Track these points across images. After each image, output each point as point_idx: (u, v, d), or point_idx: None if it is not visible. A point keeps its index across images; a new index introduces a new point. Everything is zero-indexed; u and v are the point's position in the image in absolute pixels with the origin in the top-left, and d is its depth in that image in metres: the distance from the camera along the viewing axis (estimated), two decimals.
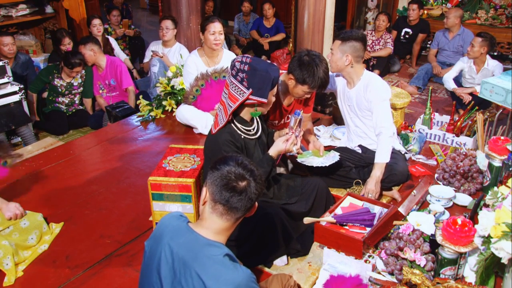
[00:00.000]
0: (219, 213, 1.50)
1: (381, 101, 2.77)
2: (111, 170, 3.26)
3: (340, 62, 2.79)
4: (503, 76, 3.09)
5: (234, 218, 1.51)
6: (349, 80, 2.90)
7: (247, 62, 2.16)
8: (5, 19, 5.34)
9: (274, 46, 6.57)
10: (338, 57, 2.79)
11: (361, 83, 2.85)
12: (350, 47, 2.74)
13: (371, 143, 2.96)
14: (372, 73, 2.90)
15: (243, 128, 2.28)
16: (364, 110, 2.86)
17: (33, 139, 4.21)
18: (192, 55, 3.86)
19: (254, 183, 1.51)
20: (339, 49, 2.77)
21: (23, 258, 2.36)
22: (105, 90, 4.71)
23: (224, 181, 1.48)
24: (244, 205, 1.50)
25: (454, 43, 5.57)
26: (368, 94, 2.78)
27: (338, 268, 2.08)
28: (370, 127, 2.91)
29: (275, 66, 2.24)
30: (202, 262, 1.43)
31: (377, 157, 2.74)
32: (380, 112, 2.77)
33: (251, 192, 1.50)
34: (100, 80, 4.68)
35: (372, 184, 2.71)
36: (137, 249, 2.44)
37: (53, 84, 4.48)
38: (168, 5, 4.98)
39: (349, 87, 2.92)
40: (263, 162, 2.24)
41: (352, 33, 2.77)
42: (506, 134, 3.21)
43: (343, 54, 2.76)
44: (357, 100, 2.87)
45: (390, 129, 2.78)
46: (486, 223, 1.69)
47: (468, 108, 3.53)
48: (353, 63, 2.78)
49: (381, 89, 2.79)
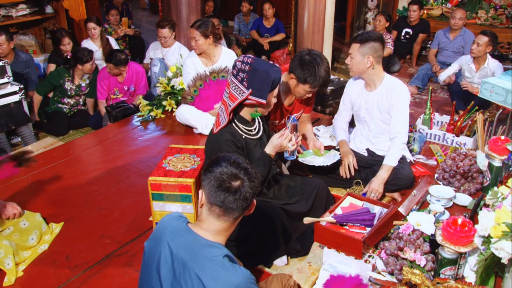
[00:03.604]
0: (216, 214, 1.50)
1: (403, 106, 2.75)
2: (111, 170, 3.26)
3: (361, 65, 2.73)
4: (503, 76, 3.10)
5: (232, 218, 1.51)
6: (369, 83, 2.83)
7: (248, 62, 2.16)
8: (5, 19, 5.34)
9: (274, 46, 6.56)
10: (358, 60, 2.72)
11: (383, 86, 2.79)
12: (370, 48, 2.68)
13: (380, 149, 2.95)
14: (393, 76, 2.87)
15: (244, 128, 2.28)
16: (384, 113, 2.82)
17: (33, 139, 4.20)
18: (190, 55, 3.87)
19: (248, 181, 1.50)
20: (358, 52, 2.71)
21: (23, 258, 2.36)
22: (120, 94, 4.66)
23: (218, 182, 1.48)
24: (240, 205, 1.49)
25: (455, 44, 5.57)
26: (392, 97, 2.75)
27: (338, 268, 2.08)
28: (385, 131, 2.88)
29: (277, 67, 2.22)
30: (201, 263, 1.43)
31: (386, 159, 2.76)
32: (400, 117, 2.76)
33: (245, 191, 1.49)
34: (118, 86, 4.62)
35: (377, 184, 2.72)
36: (137, 249, 2.44)
37: (63, 88, 4.47)
38: (168, 5, 4.99)
39: (368, 90, 2.86)
40: (260, 160, 2.24)
41: (369, 34, 2.72)
42: (506, 134, 3.21)
43: (363, 56, 2.70)
44: (379, 103, 2.81)
45: (405, 136, 2.78)
46: (486, 223, 1.69)
47: (468, 108, 3.53)
48: (374, 64, 2.73)
49: (404, 93, 2.76)
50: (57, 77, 4.44)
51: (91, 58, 4.37)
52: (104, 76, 4.57)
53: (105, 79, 4.57)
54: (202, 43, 3.68)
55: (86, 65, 4.37)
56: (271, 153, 2.25)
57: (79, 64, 4.37)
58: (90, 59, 4.37)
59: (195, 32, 3.65)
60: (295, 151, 2.33)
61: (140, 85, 4.64)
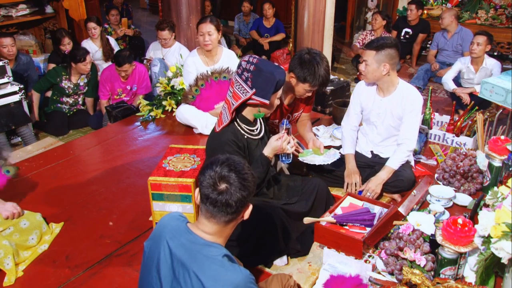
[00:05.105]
0: (205, 217, 1.50)
1: (415, 114, 2.74)
2: (111, 170, 3.26)
3: (377, 72, 2.68)
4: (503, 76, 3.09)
5: (221, 221, 1.49)
6: (383, 89, 2.79)
7: (253, 62, 2.16)
8: (5, 19, 5.34)
9: (274, 46, 6.57)
10: (374, 68, 2.67)
11: (397, 92, 2.77)
12: (386, 55, 2.64)
13: (384, 152, 2.94)
14: (406, 83, 2.84)
15: (246, 128, 2.28)
16: (396, 119, 2.80)
17: (33, 139, 4.21)
18: (191, 54, 3.86)
19: (237, 186, 1.46)
20: (374, 60, 2.65)
21: (23, 258, 2.36)
22: (123, 94, 4.66)
23: (206, 186, 1.48)
24: (223, 210, 1.47)
25: (453, 42, 5.58)
26: (406, 104, 2.72)
27: (338, 268, 2.08)
28: (394, 136, 2.86)
29: (282, 69, 2.22)
30: (200, 263, 1.43)
31: (389, 161, 2.76)
32: (411, 124, 2.74)
33: (230, 196, 1.46)
34: (121, 86, 4.62)
35: (374, 184, 2.71)
36: (137, 249, 2.43)
37: (61, 86, 4.47)
38: (168, 5, 4.99)
39: (381, 95, 2.82)
40: (258, 162, 2.23)
41: (385, 41, 2.67)
42: (506, 134, 3.21)
43: (379, 64, 2.65)
44: (392, 109, 2.78)
45: (413, 144, 2.77)
46: (486, 223, 1.69)
47: (468, 108, 3.53)
48: (390, 71, 2.69)
49: (419, 101, 2.74)
50: (55, 75, 4.44)
51: (85, 59, 4.34)
52: (107, 78, 4.58)
53: (108, 81, 4.58)
54: (216, 38, 3.62)
55: (79, 65, 4.35)
56: (269, 155, 2.24)
57: (73, 62, 4.36)
58: (84, 60, 4.33)
59: (209, 26, 3.55)
60: (291, 154, 2.33)
61: (142, 84, 4.64)
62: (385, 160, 2.82)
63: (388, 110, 2.80)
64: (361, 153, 3.01)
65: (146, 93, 4.66)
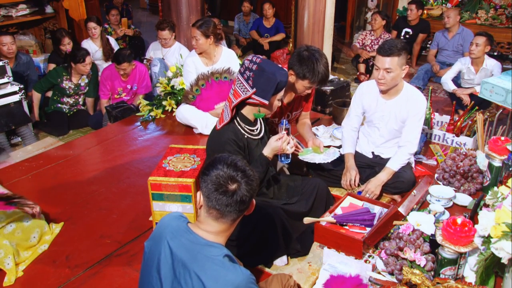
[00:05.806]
0: (214, 217, 1.50)
1: (419, 117, 2.74)
2: (111, 170, 3.26)
3: (399, 77, 2.66)
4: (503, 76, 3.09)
5: (230, 220, 1.51)
6: (388, 91, 2.78)
7: (256, 62, 2.16)
8: (5, 19, 5.34)
9: (274, 46, 6.57)
10: (398, 73, 2.63)
11: (403, 94, 2.76)
12: (405, 57, 2.63)
13: (385, 152, 2.93)
14: (410, 85, 2.83)
15: (246, 128, 2.28)
16: (400, 121, 2.79)
17: (33, 139, 4.21)
18: (190, 54, 3.87)
19: (245, 184, 1.49)
20: (398, 65, 2.61)
21: (23, 258, 2.37)
22: (124, 94, 4.66)
23: (214, 186, 1.48)
24: (237, 208, 1.49)
25: (454, 42, 5.58)
26: (411, 107, 2.72)
27: (338, 268, 2.08)
28: (396, 138, 2.86)
29: (284, 71, 2.21)
30: (201, 263, 1.43)
31: (389, 163, 2.76)
32: (413, 127, 2.74)
33: (242, 194, 1.49)
34: (121, 85, 4.61)
35: (374, 186, 2.72)
36: (137, 249, 2.44)
37: (61, 86, 4.47)
38: (168, 5, 4.99)
39: (386, 98, 2.80)
40: (257, 162, 2.23)
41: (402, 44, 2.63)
42: (506, 134, 3.21)
43: (401, 67, 2.64)
44: (396, 112, 2.77)
45: (415, 147, 2.77)
46: (486, 223, 1.69)
47: (468, 108, 3.53)
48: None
49: (424, 105, 2.75)
50: (55, 75, 4.44)
51: (84, 60, 4.33)
52: (108, 77, 4.57)
53: (109, 80, 4.57)
54: (203, 43, 3.68)
55: (78, 65, 4.34)
56: (268, 155, 2.24)
57: (72, 62, 4.36)
58: (83, 61, 4.32)
59: (196, 32, 3.64)
60: (290, 155, 2.33)
61: (143, 84, 4.63)
62: (385, 161, 2.82)
63: (392, 113, 2.80)
64: (361, 153, 3.00)
65: (146, 93, 4.66)
